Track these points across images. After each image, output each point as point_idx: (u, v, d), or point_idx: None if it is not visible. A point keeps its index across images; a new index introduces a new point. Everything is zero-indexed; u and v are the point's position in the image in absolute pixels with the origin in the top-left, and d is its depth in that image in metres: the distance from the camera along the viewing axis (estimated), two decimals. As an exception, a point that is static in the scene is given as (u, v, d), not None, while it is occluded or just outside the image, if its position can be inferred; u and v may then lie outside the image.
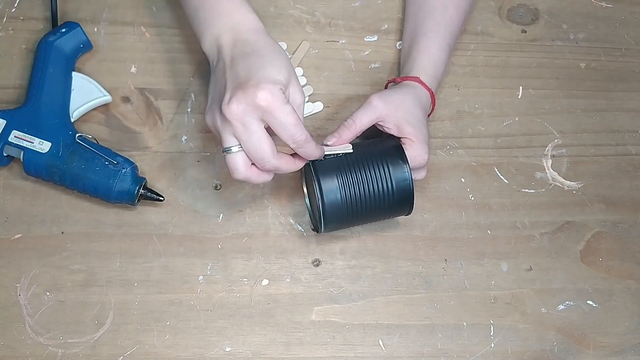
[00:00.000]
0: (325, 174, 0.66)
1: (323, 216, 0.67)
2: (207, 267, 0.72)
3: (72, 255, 0.71)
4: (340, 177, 0.66)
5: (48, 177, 0.71)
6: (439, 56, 0.77)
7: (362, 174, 0.67)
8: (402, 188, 0.67)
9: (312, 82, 0.81)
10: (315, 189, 0.66)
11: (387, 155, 0.67)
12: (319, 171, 0.66)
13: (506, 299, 0.74)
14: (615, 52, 0.88)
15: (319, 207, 0.66)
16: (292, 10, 0.85)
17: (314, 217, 0.73)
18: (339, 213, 0.67)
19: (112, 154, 0.71)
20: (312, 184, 0.67)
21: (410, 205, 0.69)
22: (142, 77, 0.79)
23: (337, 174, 0.66)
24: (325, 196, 0.66)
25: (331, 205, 0.66)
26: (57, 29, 0.76)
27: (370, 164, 0.67)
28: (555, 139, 0.82)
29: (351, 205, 0.67)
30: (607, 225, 0.78)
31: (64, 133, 0.71)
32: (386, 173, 0.67)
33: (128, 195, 0.70)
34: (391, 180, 0.67)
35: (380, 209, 0.68)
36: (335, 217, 0.67)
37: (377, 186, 0.67)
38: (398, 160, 0.67)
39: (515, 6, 0.89)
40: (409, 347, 0.71)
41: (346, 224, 0.70)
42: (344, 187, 0.66)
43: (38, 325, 0.68)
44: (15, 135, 0.70)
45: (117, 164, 0.70)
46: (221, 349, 0.69)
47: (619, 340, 0.73)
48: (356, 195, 0.66)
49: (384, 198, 0.67)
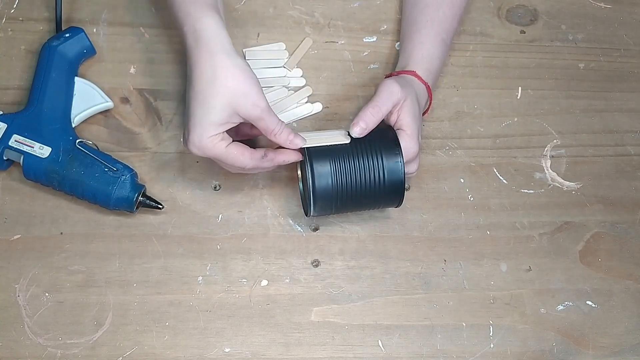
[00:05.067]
0: (318, 159, 0.67)
1: (313, 199, 0.67)
2: (207, 268, 0.72)
3: (71, 256, 0.71)
4: (333, 163, 0.67)
5: (47, 182, 0.71)
6: (433, 51, 0.77)
7: (356, 162, 0.67)
8: (394, 179, 0.68)
9: (311, 83, 0.81)
10: (307, 173, 0.67)
11: (383, 146, 0.68)
12: (313, 156, 0.67)
13: (505, 300, 0.74)
14: (614, 53, 0.88)
15: (310, 191, 0.67)
16: (291, 11, 0.85)
17: (304, 201, 0.73)
18: (329, 198, 0.67)
19: (111, 161, 0.71)
20: (305, 168, 0.68)
21: (400, 197, 0.69)
22: (142, 77, 0.79)
23: (330, 160, 0.67)
24: (317, 180, 0.66)
25: (321, 189, 0.67)
26: (61, 34, 0.76)
27: (364, 153, 0.67)
28: (554, 140, 0.82)
29: (341, 191, 0.67)
30: (606, 226, 0.78)
31: (65, 138, 0.71)
32: (379, 163, 0.67)
33: (126, 202, 0.70)
34: (383, 171, 0.67)
35: (370, 198, 0.69)
36: (324, 202, 0.67)
37: (369, 175, 0.67)
38: (393, 152, 0.68)
39: (514, 7, 0.89)
40: (408, 348, 0.71)
41: (335, 209, 0.69)
42: (336, 173, 0.67)
43: (37, 326, 0.68)
44: (16, 139, 0.70)
45: (116, 170, 0.70)
46: (220, 349, 0.69)
47: (618, 340, 0.73)
48: (347, 182, 0.67)
49: (375, 187, 0.67)
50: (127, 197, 0.70)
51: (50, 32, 0.79)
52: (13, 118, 0.71)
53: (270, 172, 0.76)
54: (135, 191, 0.70)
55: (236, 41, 0.82)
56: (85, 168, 0.70)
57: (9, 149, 0.70)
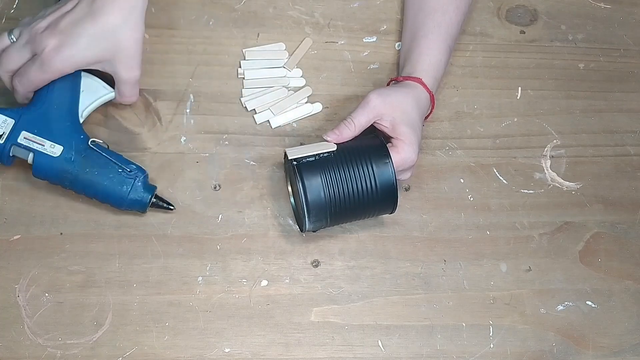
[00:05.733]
0: (308, 173, 0.66)
1: (307, 213, 0.67)
2: (206, 268, 0.72)
3: (71, 256, 0.71)
4: (323, 176, 0.67)
5: (58, 181, 0.70)
6: (439, 58, 0.77)
7: (346, 173, 0.67)
8: (386, 187, 0.68)
9: (311, 83, 0.81)
10: (299, 187, 0.66)
11: (372, 154, 0.68)
12: (303, 170, 0.66)
13: (505, 300, 0.74)
14: (613, 53, 0.88)
15: (303, 206, 0.67)
16: (291, 11, 0.85)
17: (298, 216, 0.73)
18: (323, 210, 0.67)
19: (124, 161, 0.70)
20: (296, 183, 0.67)
21: (394, 204, 0.69)
22: (142, 77, 0.79)
23: (320, 173, 0.67)
24: (309, 195, 0.66)
25: (315, 204, 0.66)
26: None
27: (354, 163, 0.67)
28: (554, 140, 0.82)
29: (335, 203, 0.67)
30: (606, 226, 0.78)
31: (76, 137, 0.70)
32: (370, 172, 0.67)
33: (140, 204, 0.70)
34: (375, 179, 0.67)
35: (364, 208, 0.69)
36: (318, 215, 0.67)
37: (361, 185, 0.67)
38: (382, 160, 0.68)
39: (514, 7, 0.89)
40: (408, 348, 0.71)
41: (330, 221, 0.69)
42: (328, 185, 0.66)
43: (37, 326, 0.68)
44: (25, 136, 0.69)
45: (130, 171, 0.70)
46: (220, 349, 0.69)
47: (618, 340, 0.73)
48: (340, 194, 0.67)
49: (368, 197, 0.68)
50: (142, 198, 0.70)
51: (50, 32, 0.79)
52: (21, 113, 0.69)
53: (269, 172, 0.76)
54: (149, 192, 0.70)
55: (236, 41, 0.82)
56: (99, 169, 0.69)
57: (17, 146, 0.69)
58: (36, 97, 0.71)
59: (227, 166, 0.76)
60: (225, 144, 0.77)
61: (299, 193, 0.67)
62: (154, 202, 0.71)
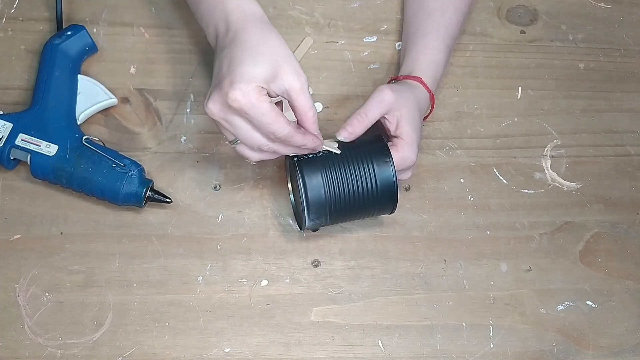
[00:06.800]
0: (309, 171, 0.66)
1: (307, 211, 0.67)
2: (207, 268, 0.72)
3: (71, 256, 0.71)
4: (324, 174, 0.66)
5: (55, 180, 0.71)
6: (439, 58, 0.77)
7: (347, 172, 0.67)
8: (386, 186, 0.67)
9: (311, 83, 0.81)
10: (299, 183, 0.66)
11: (372, 152, 0.68)
12: (304, 168, 0.66)
13: (505, 300, 0.74)
14: (614, 53, 0.88)
15: (303, 203, 0.67)
16: (292, 11, 0.85)
17: (298, 214, 0.73)
18: (322, 209, 0.67)
19: (118, 156, 0.71)
20: (296, 180, 0.67)
21: (394, 204, 0.69)
22: (142, 77, 0.79)
23: (321, 171, 0.66)
24: (309, 192, 0.66)
25: (314, 200, 0.66)
26: (63, 32, 0.76)
27: (355, 160, 0.67)
28: (554, 140, 0.82)
29: (335, 201, 0.67)
30: (606, 226, 0.78)
31: (71, 136, 0.71)
32: (371, 172, 0.67)
33: (135, 197, 0.70)
34: (376, 179, 0.67)
35: (364, 206, 0.68)
36: (318, 213, 0.67)
37: (361, 183, 0.67)
38: (383, 159, 0.67)
39: (514, 7, 0.89)
40: (409, 348, 0.71)
41: (330, 220, 0.69)
42: (328, 184, 0.66)
43: (37, 326, 0.68)
44: (22, 138, 0.70)
45: (124, 166, 0.70)
46: (220, 349, 0.69)
47: (618, 340, 0.73)
48: (340, 193, 0.67)
49: (368, 195, 0.67)
50: (136, 192, 0.70)
51: (50, 31, 0.79)
52: (18, 117, 0.71)
53: (270, 172, 0.76)
54: (144, 186, 0.70)
55: (236, 41, 0.82)
56: (92, 165, 0.70)
57: (15, 148, 0.70)
58: (33, 100, 0.73)
59: (227, 166, 0.76)
60: (225, 143, 0.77)
61: (299, 189, 0.67)
62: (150, 196, 0.71)
